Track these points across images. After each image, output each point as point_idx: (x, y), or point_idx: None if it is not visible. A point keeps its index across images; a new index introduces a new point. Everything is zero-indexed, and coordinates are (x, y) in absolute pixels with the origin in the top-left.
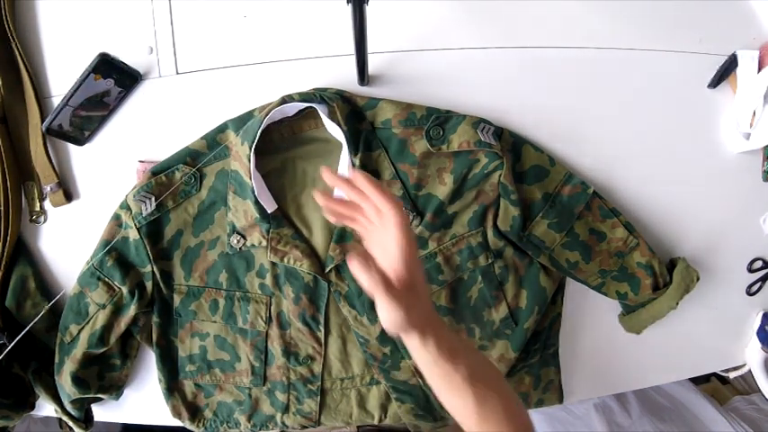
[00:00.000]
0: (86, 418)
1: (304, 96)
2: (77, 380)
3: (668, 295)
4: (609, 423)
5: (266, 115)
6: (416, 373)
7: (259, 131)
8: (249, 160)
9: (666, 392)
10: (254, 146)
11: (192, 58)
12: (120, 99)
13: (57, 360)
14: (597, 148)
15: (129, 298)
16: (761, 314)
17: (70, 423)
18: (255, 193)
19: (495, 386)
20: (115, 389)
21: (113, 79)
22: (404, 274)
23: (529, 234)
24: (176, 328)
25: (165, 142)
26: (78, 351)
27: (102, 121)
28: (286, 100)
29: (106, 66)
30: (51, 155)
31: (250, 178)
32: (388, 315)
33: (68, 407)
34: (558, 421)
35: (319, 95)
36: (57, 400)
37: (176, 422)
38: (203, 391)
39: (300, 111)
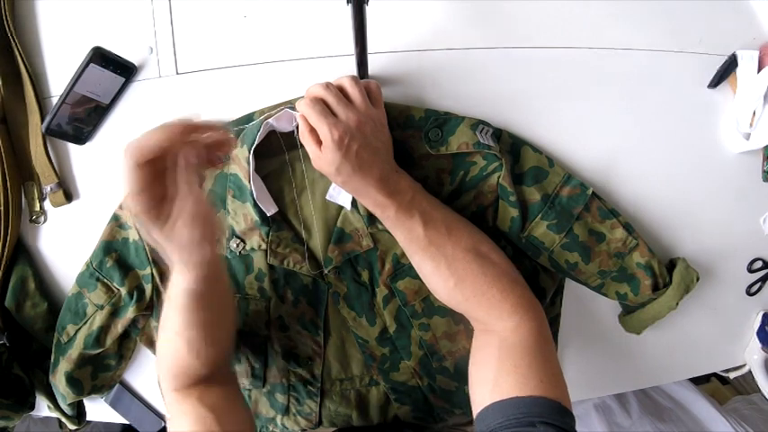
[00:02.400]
0: (78, 413)
1: None
2: (72, 380)
3: (668, 295)
4: (609, 423)
5: (265, 119)
6: (416, 374)
7: (258, 136)
8: (248, 163)
9: (666, 392)
10: (252, 149)
11: (192, 58)
12: (118, 93)
13: (52, 359)
14: (596, 148)
15: (127, 299)
16: (761, 314)
17: (63, 419)
18: (255, 197)
19: (469, 243)
20: (106, 388)
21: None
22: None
23: (528, 235)
24: None
25: None
26: (74, 351)
27: (101, 117)
28: (287, 107)
29: (101, 60)
30: (51, 155)
31: (249, 181)
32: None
33: (62, 405)
34: None
35: None
36: (50, 396)
37: None
38: None
39: None
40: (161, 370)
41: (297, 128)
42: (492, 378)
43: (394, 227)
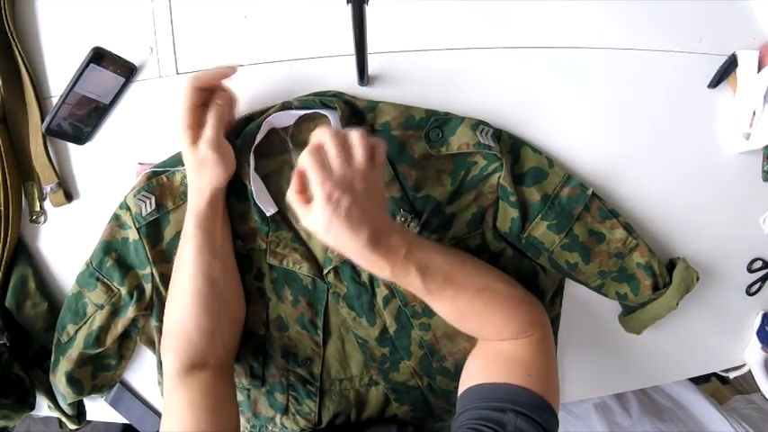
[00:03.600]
0: (78, 413)
1: (304, 103)
2: (72, 380)
3: (668, 295)
4: (609, 423)
5: (265, 119)
6: (415, 374)
7: (258, 137)
8: (249, 163)
9: (666, 392)
10: (252, 149)
11: (192, 58)
12: (118, 93)
13: (52, 359)
14: (596, 148)
15: (127, 299)
16: (761, 314)
17: (63, 419)
18: (255, 197)
19: (469, 283)
20: (107, 388)
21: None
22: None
23: (528, 236)
24: None
25: (164, 143)
26: (74, 351)
27: (101, 117)
28: (286, 106)
29: (101, 60)
30: (51, 155)
31: (249, 181)
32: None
33: (62, 405)
34: None
35: (319, 101)
36: (50, 396)
37: None
38: None
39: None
40: (163, 345)
41: (297, 120)
42: (482, 364)
43: (393, 282)
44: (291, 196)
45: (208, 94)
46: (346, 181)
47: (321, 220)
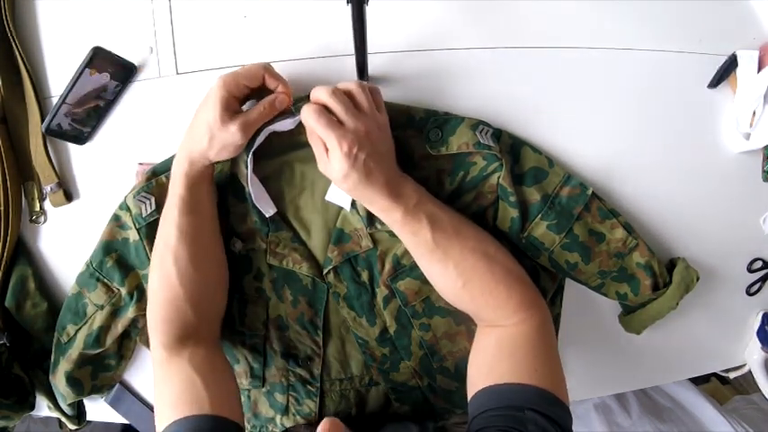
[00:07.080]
0: (78, 413)
1: None
2: (72, 380)
3: (668, 295)
4: (609, 423)
5: (266, 126)
6: (416, 374)
7: (257, 140)
8: (247, 166)
9: (666, 392)
10: (252, 151)
11: (192, 58)
12: (118, 93)
13: (52, 359)
14: (596, 148)
15: (127, 300)
16: (761, 314)
17: (63, 419)
18: (253, 199)
19: (475, 244)
20: (106, 388)
21: (109, 73)
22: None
23: (528, 235)
24: None
25: (165, 143)
26: (74, 351)
27: (101, 117)
28: (286, 112)
29: (100, 60)
30: (51, 155)
31: (248, 183)
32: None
33: (62, 405)
34: None
35: None
36: (50, 396)
37: None
38: None
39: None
40: (152, 319)
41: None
42: (488, 363)
43: (401, 231)
44: (312, 138)
45: (246, 90)
46: (361, 134)
47: (339, 171)
